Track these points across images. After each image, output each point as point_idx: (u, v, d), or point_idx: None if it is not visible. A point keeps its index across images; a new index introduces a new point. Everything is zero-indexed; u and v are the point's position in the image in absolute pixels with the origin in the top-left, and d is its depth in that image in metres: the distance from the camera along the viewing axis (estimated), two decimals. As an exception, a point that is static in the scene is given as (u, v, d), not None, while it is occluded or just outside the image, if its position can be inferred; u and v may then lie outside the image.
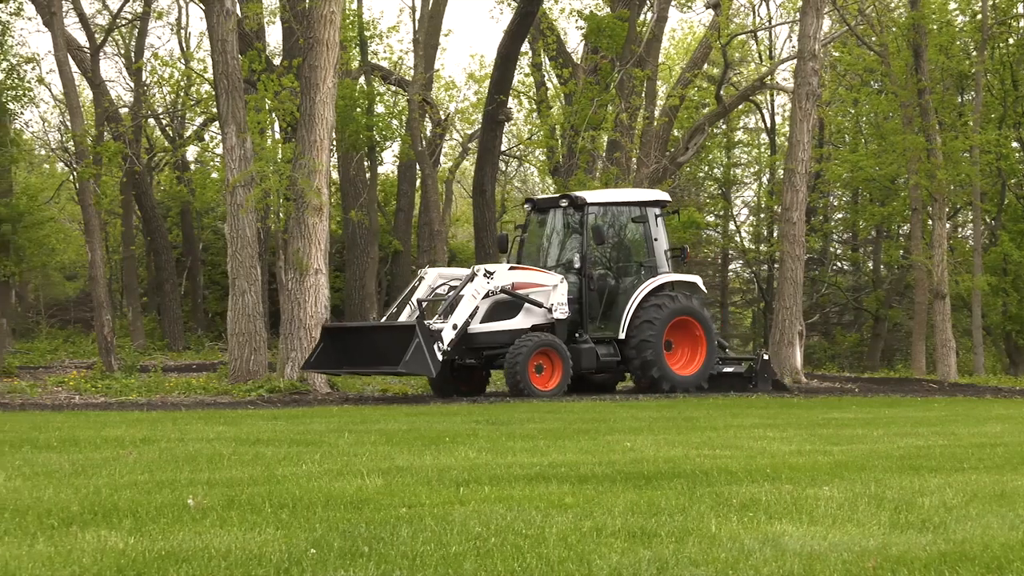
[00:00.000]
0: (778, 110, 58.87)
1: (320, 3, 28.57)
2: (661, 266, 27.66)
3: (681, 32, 62.28)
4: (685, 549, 7.23)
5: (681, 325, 27.35)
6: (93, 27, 48.79)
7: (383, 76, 47.83)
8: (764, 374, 28.65)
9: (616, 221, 28.04)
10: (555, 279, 26.31)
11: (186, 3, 52.24)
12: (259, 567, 6.69)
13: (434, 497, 9.16)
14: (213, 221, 55.78)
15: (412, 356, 23.52)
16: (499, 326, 25.85)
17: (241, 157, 28.43)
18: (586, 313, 26.83)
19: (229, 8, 28.99)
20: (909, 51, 40.98)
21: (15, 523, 7.95)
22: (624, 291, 27.29)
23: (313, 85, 28.49)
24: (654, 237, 27.74)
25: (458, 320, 24.82)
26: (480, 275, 25.49)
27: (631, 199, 28.16)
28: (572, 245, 27.51)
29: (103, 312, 31.96)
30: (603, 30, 38.36)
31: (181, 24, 55.35)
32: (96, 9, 53.60)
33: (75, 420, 17.88)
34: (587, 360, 26.31)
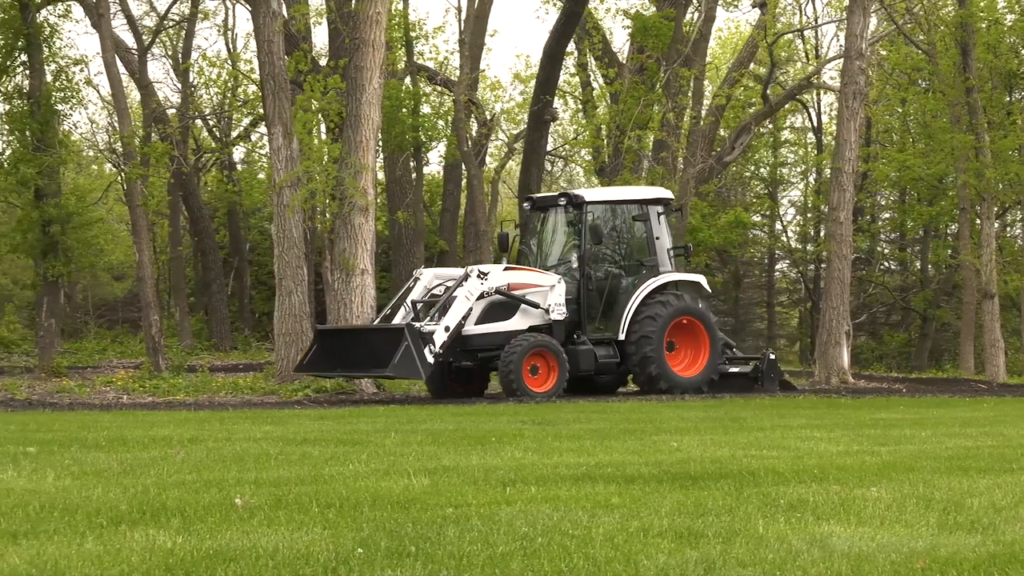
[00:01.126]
0: (825, 109, 58.65)
1: (366, 4, 28.63)
2: (663, 265, 27.20)
3: (728, 31, 62.19)
4: (732, 550, 7.21)
5: (683, 326, 26.91)
6: (141, 29, 49.06)
7: (429, 76, 47.88)
8: (770, 374, 28.18)
9: (616, 220, 27.60)
10: (552, 279, 25.97)
11: (233, 4, 52.41)
12: (306, 566, 6.70)
13: (480, 497, 9.15)
14: (260, 221, 55.93)
15: (401, 359, 23.21)
16: (494, 327, 25.40)
17: (288, 158, 28.51)
18: (584, 314, 26.39)
19: (275, 9, 29.08)
20: (957, 49, 40.72)
21: (64, 522, 7.99)
22: (624, 291, 26.85)
23: (359, 86, 28.55)
24: (656, 236, 27.22)
25: (451, 322, 24.44)
26: (474, 276, 25.13)
27: (632, 197, 27.81)
28: (571, 245, 27.17)
29: (151, 312, 32.09)
30: (649, 29, 38.29)
31: (228, 25, 55.80)
32: (144, 11, 53.95)
33: (123, 420, 17.97)
34: (585, 362, 25.86)
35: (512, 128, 53.73)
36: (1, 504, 8.71)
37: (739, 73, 46.34)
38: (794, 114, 59.95)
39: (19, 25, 36.18)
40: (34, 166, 35.32)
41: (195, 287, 56.23)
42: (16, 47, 37.36)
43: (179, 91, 54.25)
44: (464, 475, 10.50)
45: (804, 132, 62.49)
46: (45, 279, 36.68)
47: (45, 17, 38.75)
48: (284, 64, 29.30)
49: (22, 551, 7.02)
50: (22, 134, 37.00)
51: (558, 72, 43.73)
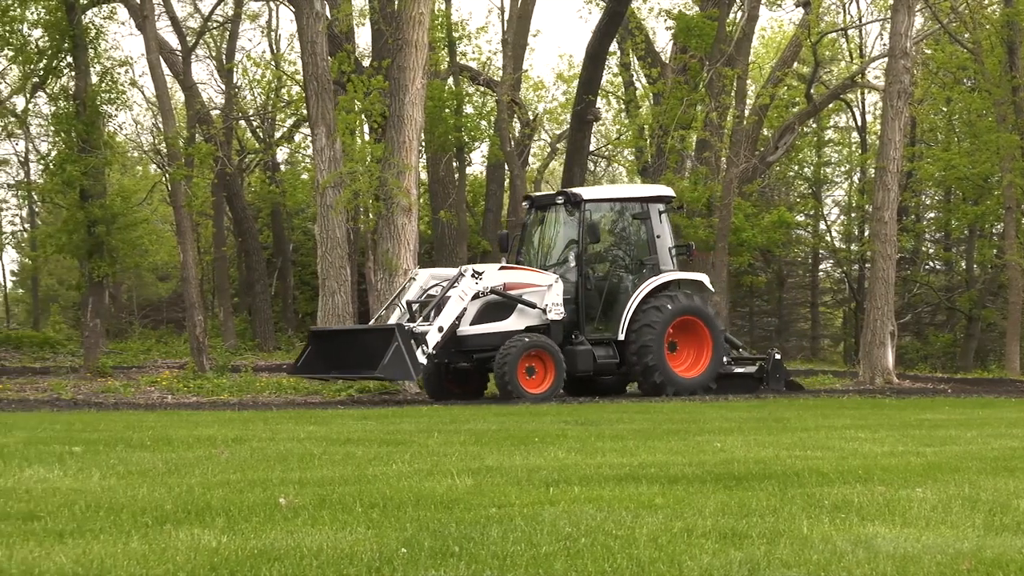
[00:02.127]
0: (869, 108, 58.43)
1: (409, 4, 28.68)
2: (664, 264, 26.77)
3: (771, 30, 61.95)
4: (777, 550, 7.19)
5: (685, 325, 26.49)
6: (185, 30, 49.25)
7: (472, 77, 47.92)
8: (776, 374, 27.82)
9: (615, 218, 27.36)
10: (550, 279, 25.56)
11: (277, 5, 52.61)
12: (351, 566, 6.71)
13: (524, 497, 9.15)
14: (303, 222, 56.12)
15: (391, 360, 22.92)
16: (490, 328, 25.00)
17: (331, 158, 28.59)
18: (583, 314, 26.00)
19: (319, 10, 29.17)
20: (1003, 48, 40.50)
21: (110, 521, 8.03)
22: (624, 291, 26.45)
23: (402, 86, 28.60)
24: (656, 234, 26.78)
25: (444, 322, 24.08)
26: (468, 275, 24.73)
27: (631, 195, 27.52)
28: (569, 244, 26.74)
29: (195, 312, 32.22)
30: (692, 29, 38.22)
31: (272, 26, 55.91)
32: (188, 12, 54.13)
33: (168, 420, 18.05)
34: (583, 362, 25.43)
35: (555, 128, 53.74)
36: (47, 503, 8.75)
37: (783, 72, 46.17)
38: (838, 113, 59.69)
39: (65, 26, 36.39)
40: (80, 167, 35.52)
41: (239, 287, 56.44)
42: (62, 48, 37.59)
43: (223, 92, 54.47)
44: (507, 475, 10.50)
45: (848, 131, 62.26)
46: (90, 279, 36.88)
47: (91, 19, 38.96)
48: (328, 65, 29.38)
49: (68, 550, 7.06)
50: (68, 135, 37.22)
51: (601, 72, 43.68)
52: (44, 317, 63.68)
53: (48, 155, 42.13)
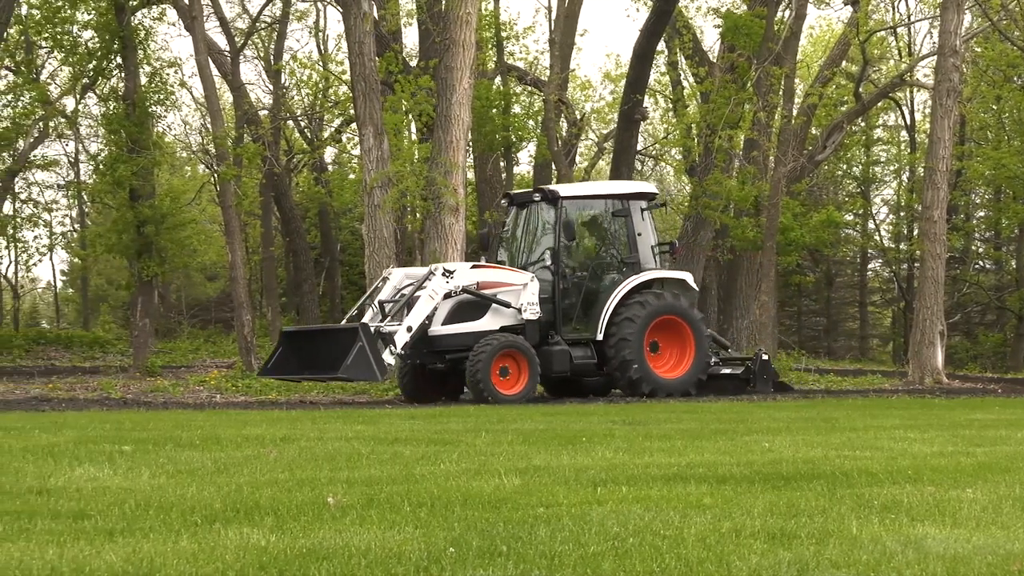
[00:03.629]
0: (918, 107, 58.14)
1: (456, 4, 28.72)
2: (646, 263, 26.12)
3: (819, 29, 61.74)
4: (826, 551, 7.16)
5: (667, 325, 25.80)
6: (233, 31, 49.47)
7: (519, 76, 47.93)
8: (763, 375, 27.12)
9: (594, 215, 26.80)
10: (525, 278, 25.00)
11: (324, 6, 52.75)
12: (399, 565, 6.72)
13: (572, 497, 9.14)
14: (351, 222, 56.26)
15: (354, 360, 22.55)
16: (462, 327, 24.50)
17: (378, 158, 28.66)
18: (559, 313, 25.44)
19: (366, 10, 29.24)
20: (1053, 46, 40.24)
21: (160, 520, 8.07)
22: (604, 289, 25.83)
23: (449, 86, 28.65)
24: (637, 232, 26.12)
25: (413, 322, 23.67)
26: (438, 274, 24.35)
27: (611, 192, 26.85)
28: (546, 242, 26.11)
29: (243, 312, 32.36)
30: (740, 28, 38.10)
31: (319, 27, 56.00)
32: (236, 13, 54.37)
33: (216, 419, 18.13)
34: (559, 363, 24.83)
35: (602, 128, 53.75)
36: (97, 502, 8.80)
37: (831, 71, 46.01)
38: (887, 112, 59.44)
39: (115, 28, 36.60)
40: (129, 167, 35.71)
41: (287, 287, 56.65)
42: (112, 50, 37.80)
43: (271, 92, 54.66)
44: (555, 475, 10.49)
45: (897, 130, 61.99)
46: (139, 279, 37.08)
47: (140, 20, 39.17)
48: (375, 65, 29.45)
49: (118, 549, 7.10)
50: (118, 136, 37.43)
51: (648, 71, 43.60)
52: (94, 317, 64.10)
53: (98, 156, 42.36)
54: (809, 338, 60.77)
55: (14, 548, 7.09)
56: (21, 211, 48.11)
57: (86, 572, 6.49)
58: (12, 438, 13.87)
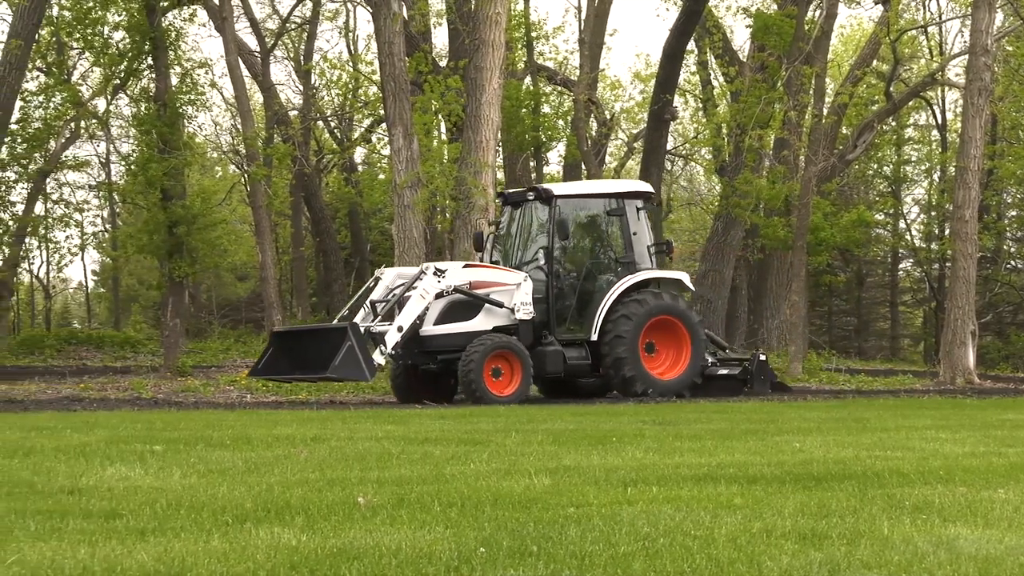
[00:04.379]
0: (949, 106, 57.94)
1: (486, 4, 28.74)
2: (642, 262, 25.65)
3: (850, 28, 61.61)
4: (857, 551, 7.14)
5: (663, 325, 25.29)
6: (263, 31, 49.64)
7: (549, 76, 47.94)
8: (760, 375, 26.65)
9: (589, 215, 26.36)
10: (518, 277, 24.59)
11: (354, 6, 52.87)
12: (429, 565, 6.73)
13: (602, 497, 9.14)
14: (380, 222, 56.35)
15: (342, 360, 22.26)
16: (454, 328, 24.13)
17: (408, 158, 28.68)
18: (553, 313, 25.00)
19: (396, 11, 29.27)
20: (1086, 44, 40.04)
21: (191, 519, 8.09)
22: (598, 289, 25.38)
23: (479, 86, 28.67)
24: (633, 231, 25.63)
25: (404, 322, 23.41)
26: (429, 273, 23.95)
27: (606, 191, 26.40)
28: (540, 241, 25.65)
29: (273, 312, 32.44)
30: (771, 27, 38.05)
31: (349, 27, 56.16)
32: (266, 14, 54.53)
33: (247, 419, 18.16)
34: (553, 363, 24.44)
35: (632, 127, 53.67)
36: (129, 501, 8.83)
37: (862, 70, 45.89)
38: (918, 111, 59.26)
39: (146, 29, 36.74)
40: (160, 168, 35.84)
41: (317, 287, 56.77)
42: (143, 51, 37.94)
43: (301, 93, 54.86)
44: (585, 475, 10.48)
45: (928, 130, 61.77)
46: (170, 279, 37.20)
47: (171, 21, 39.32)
48: (405, 65, 29.48)
49: (150, 548, 7.12)
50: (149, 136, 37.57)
51: (678, 71, 43.57)
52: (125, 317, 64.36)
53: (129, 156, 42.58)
54: (840, 338, 60.60)
55: (46, 547, 7.12)
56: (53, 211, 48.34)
57: (118, 571, 6.52)
58: (44, 438, 13.92)
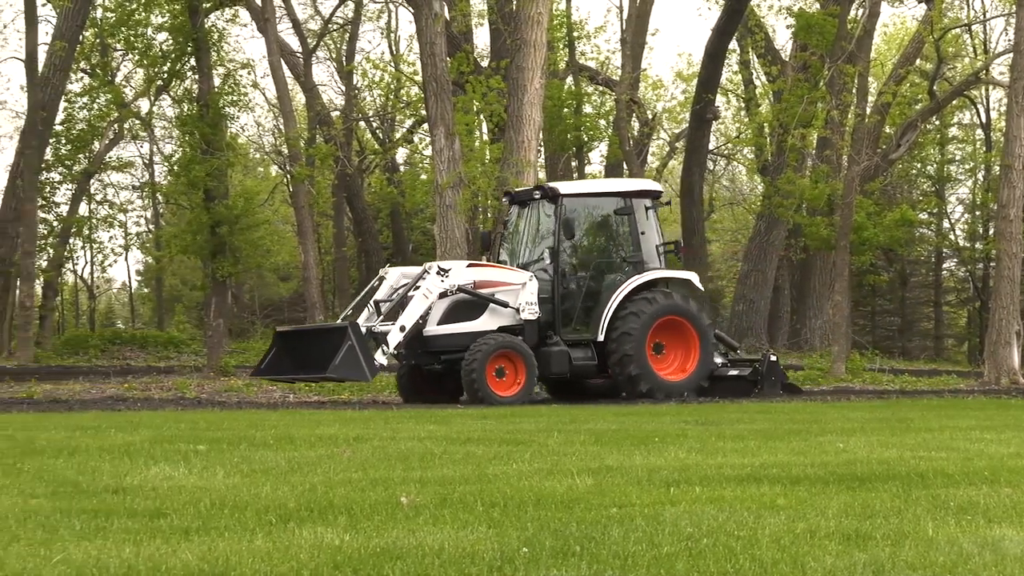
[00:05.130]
0: (994, 105, 57.57)
1: (528, 4, 28.75)
2: (650, 262, 25.25)
3: (893, 27, 61.33)
4: (901, 552, 7.10)
5: (671, 326, 24.91)
6: (306, 32, 49.78)
7: (590, 76, 47.92)
8: (771, 376, 26.14)
9: (596, 214, 25.93)
10: (523, 277, 24.31)
11: (396, 7, 52.98)
12: (472, 565, 6.73)
13: (644, 497, 9.12)
14: (422, 222, 56.45)
15: (343, 360, 22.12)
16: (458, 328, 23.89)
17: (450, 159, 28.71)
18: (558, 313, 24.66)
19: (437, 11, 29.30)
20: None
21: (235, 519, 8.11)
22: (605, 289, 24.97)
23: (520, 86, 28.67)
24: (641, 231, 25.23)
25: (407, 321, 23.20)
26: (433, 273, 23.74)
27: (614, 190, 26.04)
28: (546, 241, 25.23)
29: (316, 312, 32.51)
30: (813, 27, 37.90)
31: (391, 28, 56.19)
32: (308, 14, 54.67)
33: (290, 418, 18.21)
34: (558, 364, 24.10)
35: (674, 127, 53.63)
36: (173, 501, 8.87)
37: (905, 69, 45.69)
38: (962, 110, 58.97)
39: (188, 30, 36.87)
40: (203, 168, 35.97)
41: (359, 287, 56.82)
42: (186, 52, 38.09)
43: (343, 93, 54.97)
44: (628, 475, 10.47)
45: (972, 128, 61.45)
46: (214, 280, 37.33)
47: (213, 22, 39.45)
48: (446, 66, 29.51)
49: (194, 547, 7.15)
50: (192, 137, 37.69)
51: (720, 70, 43.51)
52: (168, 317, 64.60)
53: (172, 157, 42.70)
54: (883, 338, 60.35)
55: (91, 546, 7.16)
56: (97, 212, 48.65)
57: (162, 570, 6.55)
58: (89, 437, 14.00)
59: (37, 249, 39.21)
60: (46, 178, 41.88)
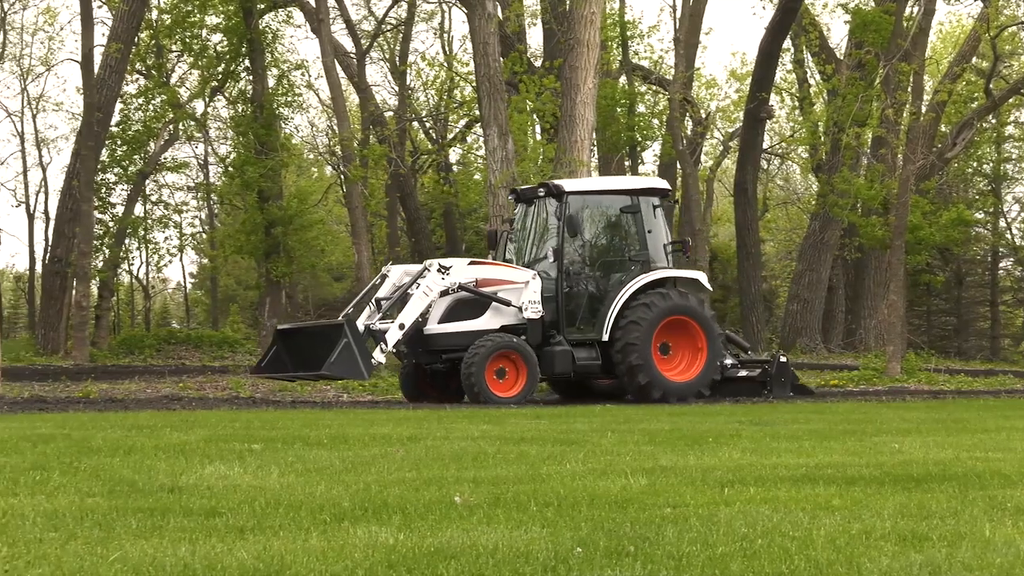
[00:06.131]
0: (1051, 103, 57.15)
1: (581, 4, 28.73)
2: (658, 261, 24.87)
3: (949, 25, 60.99)
4: (958, 553, 7.05)
5: (678, 326, 24.51)
6: (359, 33, 49.90)
7: (644, 75, 47.88)
8: (781, 378, 25.77)
9: (602, 212, 25.54)
10: (527, 275, 24.02)
11: (449, 7, 53.05)
12: (526, 564, 6.72)
13: (699, 497, 9.10)
14: (476, 222, 56.47)
15: (338, 358, 21.96)
16: (460, 326, 23.68)
17: (503, 159, 28.74)
18: (562, 312, 24.31)
19: (490, 11, 29.34)
20: None
21: (289, 518, 8.14)
22: (611, 288, 24.62)
23: (574, 86, 28.66)
24: (648, 229, 24.85)
25: (406, 319, 22.99)
26: (433, 270, 23.53)
27: (620, 187, 25.61)
28: (550, 239, 24.90)
29: (368, 312, 32.50)
30: (869, 24, 37.75)
31: (444, 28, 56.28)
32: (362, 15, 54.83)
33: (344, 418, 18.26)
34: (561, 364, 23.80)
35: (727, 126, 53.50)
36: (228, 500, 8.90)
37: (961, 67, 45.41)
38: (1018, 108, 58.53)
39: (243, 31, 37.08)
40: (258, 169, 36.13)
41: (412, 287, 56.91)
42: (240, 53, 38.29)
43: (396, 94, 55.08)
44: (682, 475, 10.45)
45: (1029, 127, 61.02)
46: (268, 280, 37.51)
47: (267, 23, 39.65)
48: (500, 66, 29.54)
49: (249, 546, 7.17)
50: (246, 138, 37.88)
51: (774, 69, 43.36)
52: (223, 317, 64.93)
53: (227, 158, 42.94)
54: (939, 338, 59.98)
55: (148, 545, 7.19)
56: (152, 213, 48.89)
57: (218, 569, 6.57)
58: (144, 436, 14.07)
59: (93, 249, 39.44)
60: (102, 179, 42.13)
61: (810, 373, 34.89)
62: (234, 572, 6.54)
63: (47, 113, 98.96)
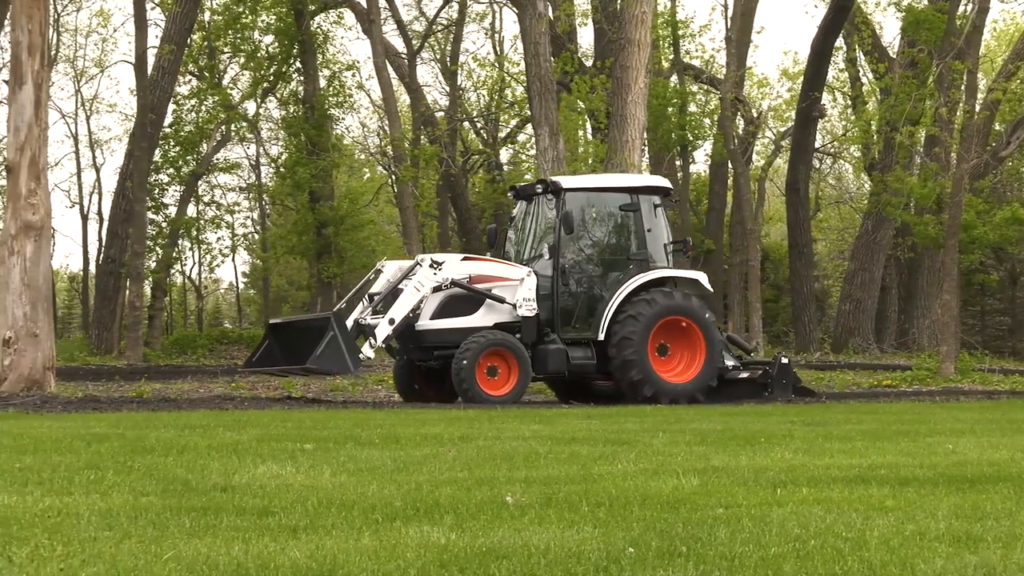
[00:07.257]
0: (1106, 101, 56.63)
1: (632, 3, 28.69)
2: (657, 260, 24.30)
3: (1003, 23, 60.55)
4: (1013, 555, 7.01)
5: (676, 326, 23.87)
6: (410, 33, 49.99)
7: (695, 75, 47.77)
8: (782, 379, 25.18)
9: (601, 209, 24.99)
10: (522, 272, 23.54)
11: (500, 7, 53.08)
12: (578, 564, 6.72)
13: (751, 498, 9.07)
14: (527, 222, 56.39)
15: (324, 351, 21.70)
16: (451, 323, 23.18)
17: (554, 158, 28.73)
18: (557, 311, 23.73)
19: (541, 11, 29.34)
20: None
21: (342, 517, 8.16)
22: (608, 287, 24.04)
23: (625, 85, 28.61)
24: (647, 228, 24.25)
25: (396, 315, 22.56)
26: (424, 266, 23.08)
27: (620, 185, 24.90)
28: (548, 236, 24.36)
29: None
30: (922, 23, 37.55)
31: (495, 28, 56.33)
32: (413, 16, 54.94)
33: (395, 418, 18.29)
34: (555, 363, 23.26)
35: (779, 125, 53.25)
36: (280, 499, 8.93)
37: (1015, 65, 45.07)
38: (1074, 107, 58.05)
39: (294, 32, 37.23)
40: (309, 170, 36.25)
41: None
42: (291, 54, 38.43)
43: (447, 94, 55.16)
44: (734, 475, 10.42)
45: (1084, 125, 60.47)
46: (319, 280, 37.61)
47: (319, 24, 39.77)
48: (550, 65, 29.54)
49: (302, 545, 7.19)
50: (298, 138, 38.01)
51: (826, 68, 43.21)
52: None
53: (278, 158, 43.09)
54: (993, 338, 59.57)
55: (201, 544, 7.23)
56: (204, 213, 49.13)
57: (271, 568, 6.60)
58: (197, 436, 14.14)
59: (146, 250, 39.69)
60: (155, 180, 42.38)
61: (862, 373, 34.76)
62: (287, 571, 6.56)
63: (101, 115, 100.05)
